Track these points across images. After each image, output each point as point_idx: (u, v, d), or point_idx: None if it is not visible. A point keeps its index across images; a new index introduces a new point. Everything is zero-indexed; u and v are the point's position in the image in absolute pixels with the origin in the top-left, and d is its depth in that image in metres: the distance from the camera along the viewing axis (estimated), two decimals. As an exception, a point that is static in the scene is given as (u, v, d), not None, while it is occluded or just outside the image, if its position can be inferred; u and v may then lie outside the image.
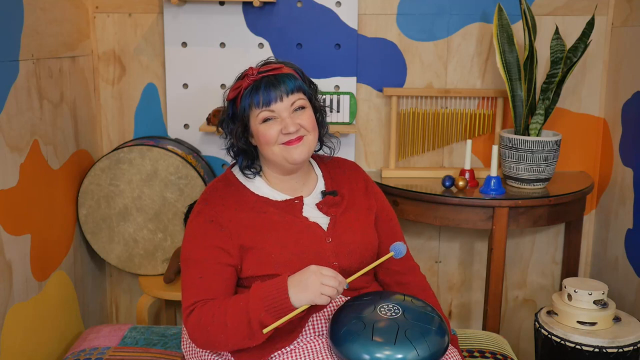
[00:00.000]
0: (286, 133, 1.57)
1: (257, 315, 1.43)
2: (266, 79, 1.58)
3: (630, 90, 2.46)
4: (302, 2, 2.56)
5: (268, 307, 1.43)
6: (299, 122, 1.58)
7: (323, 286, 1.42)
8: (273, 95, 1.56)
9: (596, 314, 2.17)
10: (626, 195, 2.49)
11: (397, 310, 1.46)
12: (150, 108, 2.65)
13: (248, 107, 1.59)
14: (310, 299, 1.42)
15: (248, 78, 1.59)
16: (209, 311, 1.50)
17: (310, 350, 1.49)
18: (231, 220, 1.59)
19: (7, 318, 1.87)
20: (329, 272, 1.44)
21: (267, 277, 1.56)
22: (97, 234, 2.47)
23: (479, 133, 2.65)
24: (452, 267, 2.85)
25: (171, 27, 2.56)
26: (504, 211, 2.32)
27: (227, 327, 1.47)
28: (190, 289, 1.55)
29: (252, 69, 1.61)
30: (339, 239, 1.63)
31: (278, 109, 1.57)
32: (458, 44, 2.63)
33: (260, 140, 1.60)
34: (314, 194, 1.70)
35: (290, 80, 1.58)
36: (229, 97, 1.63)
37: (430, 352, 1.39)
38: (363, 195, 1.75)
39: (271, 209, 1.63)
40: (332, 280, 1.43)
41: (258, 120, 1.59)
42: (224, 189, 1.65)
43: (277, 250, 1.57)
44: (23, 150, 1.98)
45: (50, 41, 2.19)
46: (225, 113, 1.66)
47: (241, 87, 1.60)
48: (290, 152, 1.59)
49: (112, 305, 2.81)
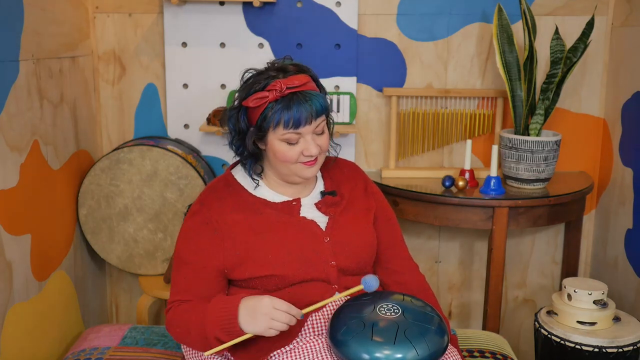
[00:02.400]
0: (307, 155, 1.57)
1: (212, 331, 1.48)
2: (296, 97, 1.52)
3: (630, 90, 2.46)
4: (302, 2, 2.56)
5: (221, 326, 1.47)
6: (319, 144, 1.58)
7: (272, 321, 1.44)
8: (303, 118, 1.52)
9: (596, 314, 2.17)
10: (626, 195, 2.49)
11: (396, 310, 1.46)
12: (150, 108, 2.65)
13: (275, 123, 1.52)
14: (257, 331, 1.45)
15: (276, 92, 1.51)
16: (180, 314, 1.58)
17: (310, 349, 1.49)
18: (227, 223, 1.60)
19: (7, 318, 1.87)
20: (282, 305, 1.45)
21: (264, 277, 1.57)
22: (97, 234, 2.47)
23: (479, 133, 2.65)
24: (452, 267, 2.85)
25: (171, 27, 2.56)
26: (504, 211, 2.32)
27: (190, 334, 1.55)
28: (174, 288, 1.63)
29: (280, 83, 1.51)
30: (337, 239, 1.63)
31: (304, 131, 1.55)
32: (458, 44, 2.63)
33: (278, 157, 1.57)
34: (313, 195, 1.70)
35: (318, 101, 1.54)
36: (249, 104, 1.54)
37: (430, 351, 1.39)
38: (362, 196, 1.75)
39: (268, 210, 1.63)
40: (283, 316, 1.44)
41: (280, 138, 1.55)
42: (222, 190, 1.65)
43: (274, 250, 1.58)
44: (23, 150, 1.98)
45: (50, 41, 2.19)
46: (236, 113, 1.60)
47: (267, 99, 1.52)
48: (304, 171, 1.60)
49: (112, 305, 2.81)
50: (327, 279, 1.61)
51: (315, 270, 1.59)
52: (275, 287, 1.59)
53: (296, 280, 1.58)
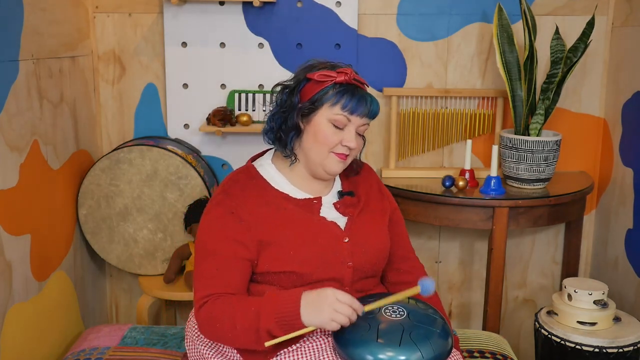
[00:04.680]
0: (345, 145, 1.58)
1: (267, 324, 1.43)
2: (360, 90, 1.58)
3: (630, 90, 2.46)
4: (302, 2, 2.56)
5: (279, 320, 1.43)
6: (358, 143, 1.61)
7: (336, 313, 1.40)
8: (361, 109, 1.57)
9: (596, 314, 2.17)
10: (626, 195, 2.49)
11: (402, 312, 1.46)
12: (150, 108, 2.65)
13: (331, 101, 1.56)
14: (321, 324, 1.42)
15: (345, 75, 1.56)
16: (220, 307, 1.49)
17: (315, 349, 1.48)
18: (251, 213, 1.57)
19: (7, 318, 1.87)
20: (345, 298, 1.42)
21: (282, 274, 1.55)
22: (97, 234, 2.47)
23: (479, 133, 2.65)
24: (452, 267, 2.85)
25: (171, 27, 2.55)
26: (504, 211, 2.32)
27: (236, 328, 1.47)
28: (205, 281, 1.54)
29: (350, 70, 1.58)
30: (356, 239, 1.62)
31: (353, 122, 1.58)
32: (458, 44, 2.63)
33: (319, 137, 1.58)
34: (331, 194, 1.69)
35: (376, 104, 1.62)
36: (314, 76, 1.57)
37: (435, 354, 1.39)
38: (377, 197, 1.75)
39: (290, 206, 1.61)
40: (346, 308, 1.41)
41: (329, 117, 1.57)
42: (245, 181, 1.63)
43: (295, 247, 1.56)
44: (23, 150, 1.98)
45: (50, 41, 2.19)
46: (292, 86, 1.61)
47: (333, 79, 1.56)
48: (332, 163, 1.60)
49: (112, 305, 2.81)
50: (342, 279, 1.60)
51: (332, 270, 1.58)
52: (291, 284, 1.56)
53: (313, 280, 1.57)
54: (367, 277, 1.65)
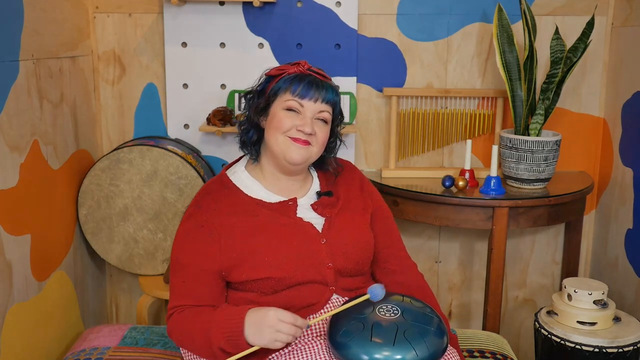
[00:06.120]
0: (300, 130, 1.58)
1: (217, 341, 1.48)
2: (313, 77, 1.61)
3: (630, 90, 2.46)
4: (302, 2, 2.56)
5: (227, 337, 1.47)
6: (317, 131, 1.61)
7: (277, 333, 1.43)
8: (311, 93, 1.59)
9: (596, 314, 2.17)
10: (626, 195, 2.49)
11: (396, 310, 1.46)
12: (150, 108, 2.65)
13: (282, 89, 1.60)
14: (264, 344, 1.44)
15: (298, 67, 1.62)
16: (183, 321, 1.56)
17: (309, 351, 1.48)
18: (222, 225, 1.59)
19: (7, 318, 1.87)
20: (287, 317, 1.44)
21: (261, 280, 1.57)
22: (97, 234, 2.47)
23: (479, 133, 2.65)
24: (452, 267, 2.85)
25: (171, 27, 2.56)
26: (504, 211, 2.32)
27: (195, 342, 1.54)
28: (174, 292, 1.62)
29: (306, 63, 1.64)
30: (334, 240, 1.62)
31: (307, 107, 1.59)
32: (458, 44, 2.63)
33: (273, 123, 1.60)
34: (309, 195, 1.69)
35: (331, 92, 1.62)
36: (270, 73, 1.65)
37: (429, 352, 1.39)
38: (358, 195, 1.74)
39: (264, 211, 1.62)
40: (289, 328, 1.43)
41: (282, 105, 1.60)
42: (218, 192, 1.65)
43: (270, 252, 1.57)
44: (23, 150, 1.98)
45: (50, 41, 2.19)
46: (255, 86, 1.69)
47: (286, 71, 1.62)
48: (291, 150, 1.59)
49: (112, 305, 2.81)
50: (324, 280, 1.60)
51: (312, 272, 1.59)
52: (272, 289, 1.57)
53: (293, 283, 1.57)
54: (352, 276, 1.65)
